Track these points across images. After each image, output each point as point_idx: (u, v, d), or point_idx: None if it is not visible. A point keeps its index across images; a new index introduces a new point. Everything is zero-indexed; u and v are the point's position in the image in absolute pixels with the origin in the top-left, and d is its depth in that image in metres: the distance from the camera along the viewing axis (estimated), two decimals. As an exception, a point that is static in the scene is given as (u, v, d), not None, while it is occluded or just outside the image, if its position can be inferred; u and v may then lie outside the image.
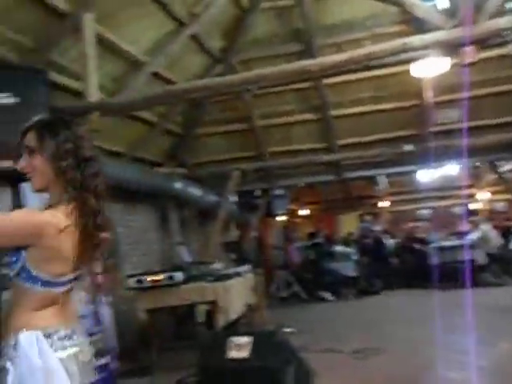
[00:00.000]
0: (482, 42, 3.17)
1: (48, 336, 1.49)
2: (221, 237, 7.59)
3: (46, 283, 1.48)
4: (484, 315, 6.74)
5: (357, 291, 10.16)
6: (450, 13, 3.43)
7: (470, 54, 3.17)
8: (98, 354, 4.53)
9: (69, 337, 1.53)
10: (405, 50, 3.22)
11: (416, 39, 3.23)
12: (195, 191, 7.50)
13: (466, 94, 6.54)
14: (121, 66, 5.24)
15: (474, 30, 3.17)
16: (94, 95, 4.05)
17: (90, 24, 4.11)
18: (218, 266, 6.23)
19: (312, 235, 11.04)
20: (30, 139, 1.58)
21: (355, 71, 4.27)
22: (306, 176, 8.04)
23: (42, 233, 1.43)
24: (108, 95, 5.10)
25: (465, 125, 6.77)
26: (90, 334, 4.48)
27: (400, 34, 6.05)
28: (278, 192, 9.08)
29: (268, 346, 3.60)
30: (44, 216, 1.48)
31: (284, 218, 13.16)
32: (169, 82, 5.99)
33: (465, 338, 5.35)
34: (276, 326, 6.41)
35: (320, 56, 6.15)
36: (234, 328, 5.51)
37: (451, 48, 3.31)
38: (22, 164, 1.57)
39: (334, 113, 6.93)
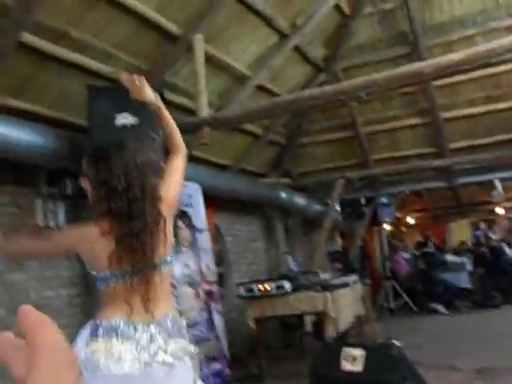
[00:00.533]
0: None
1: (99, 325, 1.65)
2: (326, 246, 7.52)
3: (97, 279, 1.72)
4: None
5: (472, 304, 9.50)
6: None
7: None
8: (212, 359, 4.71)
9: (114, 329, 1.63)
10: (529, 44, 2.96)
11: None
12: (300, 200, 7.54)
13: None
14: (226, 81, 5.43)
15: None
16: (204, 111, 4.24)
17: (199, 44, 4.31)
18: (325, 275, 6.17)
19: (421, 244, 10.56)
20: (83, 162, 1.83)
21: (470, 71, 4.02)
22: (414, 183, 7.71)
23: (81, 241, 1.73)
24: (215, 110, 5.32)
25: None
26: (204, 340, 4.67)
27: (516, 28, 5.64)
28: (383, 200, 8.80)
29: (383, 360, 3.49)
30: (82, 228, 1.76)
31: (389, 226, 12.74)
32: (272, 93, 6.09)
33: None
34: (386, 338, 6.20)
35: (429, 57, 5.93)
36: (344, 339, 5.42)
37: None
38: (80, 182, 1.85)
39: (444, 115, 6.58)
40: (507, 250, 10.00)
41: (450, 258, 10.34)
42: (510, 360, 4.86)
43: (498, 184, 12.12)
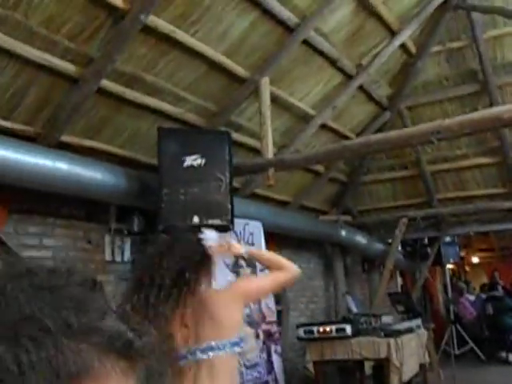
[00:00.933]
0: None
1: None
2: (387, 287, 7.28)
3: None
4: None
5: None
6: None
7: None
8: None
9: None
10: None
11: None
12: (360, 239, 7.39)
13: None
14: (290, 120, 5.47)
15: None
16: (269, 152, 4.27)
17: (266, 87, 4.38)
18: (387, 319, 5.96)
19: (487, 286, 10.01)
20: None
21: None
22: (481, 224, 7.36)
23: None
24: (277, 148, 5.35)
25: None
26: (263, 383, 4.59)
27: None
28: (447, 239, 8.46)
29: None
30: None
31: (452, 266, 12.19)
32: (335, 132, 6.07)
33: None
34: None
35: (499, 95, 5.73)
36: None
37: None
38: None
39: (515, 155, 6.29)
40: None
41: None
42: None
43: None
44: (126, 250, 4.54)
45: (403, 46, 5.72)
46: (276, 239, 5.98)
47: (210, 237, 1.93)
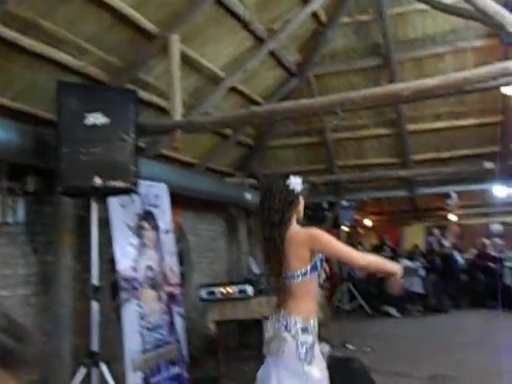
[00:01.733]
0: None
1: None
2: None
3: None
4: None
5: (423, 308, 9.82)
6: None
7: None
8: (171, 363, 4.66)
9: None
10: (503, 75, 3.05)
11: (516, 64, 3.05)
12: (264, 202, 7.53)
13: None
14: (199, 81, 5.35)
15: None
16: (177, 112, 4.15)
17: (176, 45, 4.21)
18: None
19: (377, 247, 10.80)
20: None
21: (444, 95, 4.12)
22: (377, 191, 7.86)
23: None
24: (185, 109, 5.23)
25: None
26: (165, 344, 4.62)
27: (483, 50, 5.81)
28: (344, 203, 8.93)
29: (344, 372, 3.54)
30: None
31: (348, 228, 12.96)
32: (244, 95, 6.05)
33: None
34: (342, 342, 6.31)
35: (399, 71, 6.03)
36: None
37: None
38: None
39: (409, 127, 6.73)
40: (458, 258, 10.37)
41: (404, 262, 10.62)
42: (460, 368, 5.06)
43: (453, 194, 12.56)
44: (19, 210, 4.24)
45: (314, 15, 5.78)
46: (180, 201, 5.93)
47: (295, 182, 2.47)
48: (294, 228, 2.41)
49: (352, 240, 13.19)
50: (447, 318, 8.94)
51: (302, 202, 2.50)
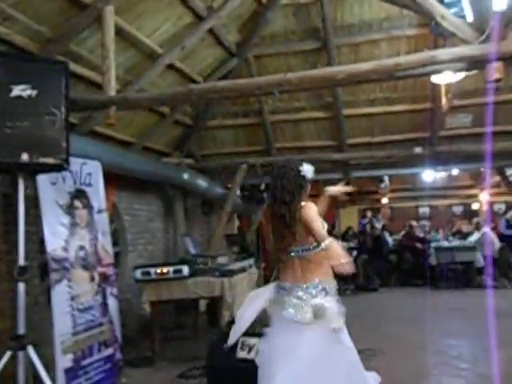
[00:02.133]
0: (509, 59, 3.16)
1: None
2: (224, 229, 7.60)
3: None
4: (481, 319, 6.82)
5: (354, 287, 10.23)
6: (477, 26, 3.40)
7: (498, 71, 3.15)
8: (104, 345, 4.58)
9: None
10: (432, 63, 3.20)
11: (444, 52, 3.20)
12: (202, 182, 7.50)
13: (480, 101, 6.56)
14: (136, 56, 5.19)
15: (502, 46, 3.15)
16: (112, 88, 4.01)
17: (110, 17, 4.05)
18: (223, 259, 6.24)
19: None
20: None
21: (378, 81, 4.25)
22: (314, 173, 8.02)
23: None
24: (121, 85, 5.07)
25: (478, 130, 6.79)
26: (97, 326, 4.52)
27: (416, 38, 6.04)
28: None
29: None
30: None
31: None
32: (182, 73, 5.95)
33: (463, 342, 5.41)
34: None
35: (337, 55, 6.15)
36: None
37: (478, 63, 3.29)
38: None
39: (345, 112, 6.90)
40: (388, 239, 10.87)
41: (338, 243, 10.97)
42: (380, 342, 5.34)
43: (386, 178, 13.09)
44: None
45: (255, -6, 5.75)
46: (116, 180, 5.78)
47: (308, 170, 2.81)
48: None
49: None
50: (377, 296, 9.37)
51: (309, 187, 2.83)
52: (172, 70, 5.78)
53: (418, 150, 6.75)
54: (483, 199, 14.71)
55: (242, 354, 3.66)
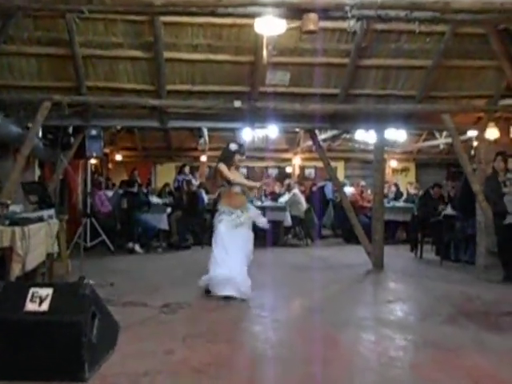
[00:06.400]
0: (324, 12, 3.39)
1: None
2: (21, 175, 6.92)
3: None
4: (283, 273, 7.55)
5: (167, 245, 10.36)
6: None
7: (313, 22, 3.36)
8: None
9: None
10: (252, 4, 3.26)
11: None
12: (-7, 118, 6.67)
13: (300, 60, 7.01)
14: None
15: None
16: None
17: None
18: (16, 207, 5.75)
19: (126, 183, 10.80)
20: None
21: (199, 14, 4.18)
22: (128, 119, 7.74)
23: None
24: None
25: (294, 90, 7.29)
26: None
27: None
28: (93, 132, 8.57)
29: (70, 298, 3.47)
30: None
31: (96, 161, 12.60)
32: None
33: (265, 293, 5.94)
34: (78, 278, 6.19)
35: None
36: (32, 278, 5.19)
37: (296, 11, 3.47)
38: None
39: (166, 55, 6.72)
40: (204, 197, 11.16)
41: (152, 199, 10.93)
42: (188, 296, 5.66)
43: (205, 132, 13.35)
44: None
45: None
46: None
47: (232, 147, 5.94)
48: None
49: (99, 174, 12.93)
50: (189, 254, 9.64)
51: (237, 156, 5.93)
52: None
53: (237, 103, 6.96)
54: (296, 163, 16.15)
55: (30, 306, 3.40)
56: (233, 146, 5.93)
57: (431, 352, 3.92)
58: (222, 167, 5.79)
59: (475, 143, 9.33)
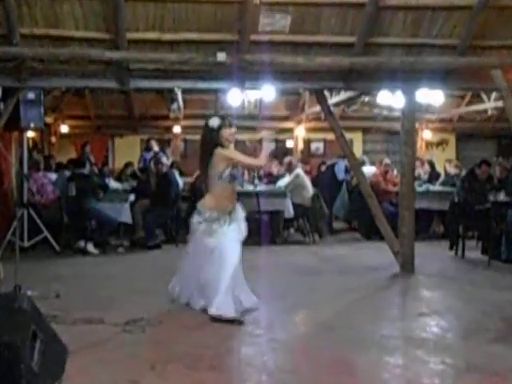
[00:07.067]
0: None
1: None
2: None
3: None
4: (285, 278, 7.57)
5: (130, 243, 10.36)
6: None
7: None
8: None
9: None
10: None
11: None
12: None
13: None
14: None
15: None
16: None
17: None
18: None
19: (75, 163, 10.77)
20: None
21: None
22: (76, 78, 7.67)
23: None
24: None
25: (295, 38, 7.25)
26: None
27: None
28: (30, 96, 8.53)
29: (3, 314, 3.48)
30: None
31: (34, 134, 12.55)
32: None
33: (260, 305, 5.95)
34: (13, 287, 6.19)
35: None
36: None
37: None
38: None
39: (126, -8, 6.68)
40: (178, 180, 11.12)
41: (110, 184, 10.90)
42: (159, 310, 5.73)
43: (179, 95, 13.29)
44: None
45: None
46: None
47: (214, 122, 5.77)
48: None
49: (38, 150, 12.86)
50: (158, 255, 9.63)
51: (225, 131, 5.78)
52: None
53: (221, 56, 6.92)
54: (299, 135, 16.06)
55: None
56: (214, 122, 5.76)
57: (476, 378, 3.97)
58: (223, 151, 5.72)
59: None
